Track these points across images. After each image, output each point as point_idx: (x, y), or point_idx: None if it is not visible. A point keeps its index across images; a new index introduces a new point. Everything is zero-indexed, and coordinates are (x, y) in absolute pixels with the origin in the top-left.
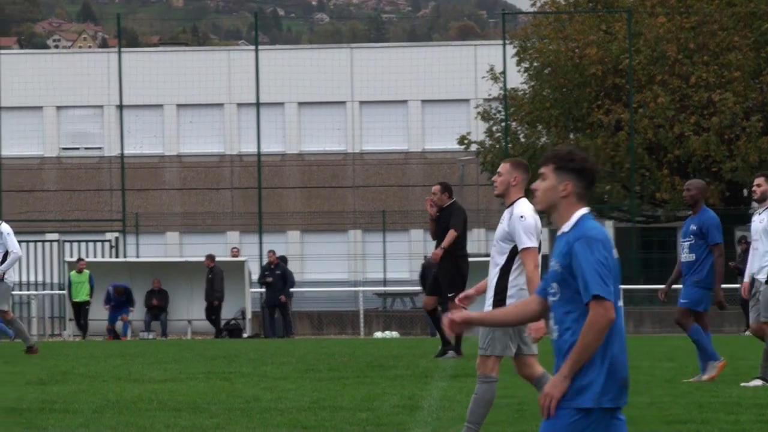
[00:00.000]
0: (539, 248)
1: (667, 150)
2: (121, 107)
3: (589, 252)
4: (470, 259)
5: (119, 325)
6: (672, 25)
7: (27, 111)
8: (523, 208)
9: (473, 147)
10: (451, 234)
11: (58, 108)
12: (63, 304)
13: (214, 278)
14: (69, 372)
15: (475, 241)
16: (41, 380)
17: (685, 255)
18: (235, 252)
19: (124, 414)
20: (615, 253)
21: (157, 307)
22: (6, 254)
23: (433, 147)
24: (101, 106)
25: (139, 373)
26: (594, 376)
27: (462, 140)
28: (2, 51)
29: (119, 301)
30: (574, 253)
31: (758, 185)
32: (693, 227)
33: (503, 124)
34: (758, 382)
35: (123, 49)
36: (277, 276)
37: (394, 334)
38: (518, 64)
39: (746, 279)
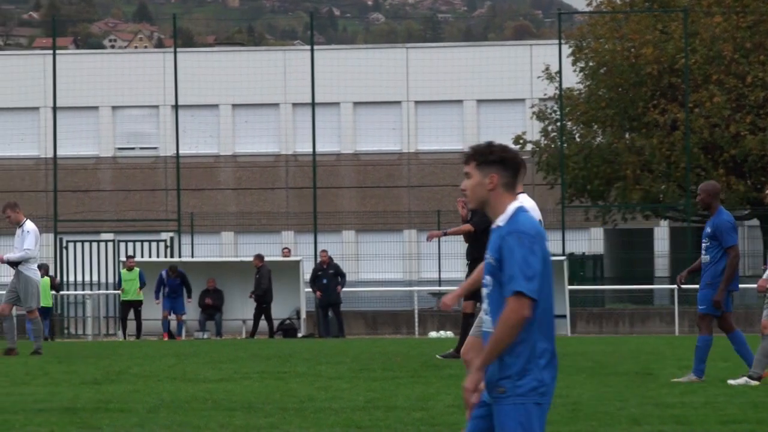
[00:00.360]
0: None
1: (722, 149)
2: (176, 107)
3: (518, 247)
4: None
5: (173, 324)
6: (728, 24)
7: (83, 111)
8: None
9: (528, 147)
10: (465, 227)
11: (114, 108)
12: (117, 303)
13: (261, 278)
14: (124, 372)
15: None
16: (96, 380)
17: (702, 257)
18: (287, 252)
19: (178, 414)
20: (547, 246)
21: (212, 306)
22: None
23: None
24: (157, 106)
25: (193, 372)
26: (545, 372)
27: (517, 140)
28: (58, 51)
29: (173, 286)
30: (504, 248)
31: None
32: (708, 230)
33: (558, 123)
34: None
35: (179, 49)
36: (330, 275)
37: (449, 333)
38: (574, 63)
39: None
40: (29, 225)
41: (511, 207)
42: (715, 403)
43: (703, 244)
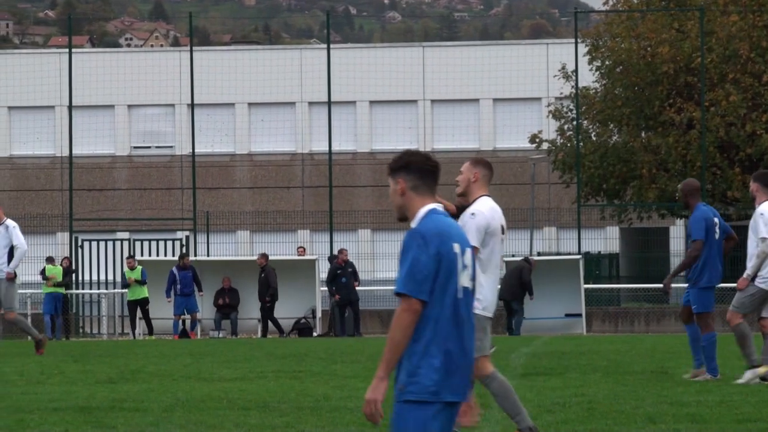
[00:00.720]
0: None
1: (738, 148)
2: (192, 106)
3: (409, 247)
4: (542, 258)
5: (187, 323)
6: (744, 23)
7: (98, 110)
8: (478, 205)
9: (544, 146)
10: None
11: (130, 107)
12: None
13: (267, 277)
14: (139, 371)
15: (546, 239)
16: (111, 379)
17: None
18: (301, 251)
19: (193, 413)
20: (456, 248)
21: (228, 305)
22: (12, 250)
23: (505, 146)
24: (173, 105)
25: (208, 371)
26: (430, 372)
27: (533, 139)
28: (74, 50)
29: (186, 280)
30: (403, 248)
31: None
32: (688, 226)
33: (575, 122)
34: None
35: (195, 48)
36: (349, 274)
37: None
38: (590, 62)
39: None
40: (10, 221)
41: (423, 210)
42: (730, 402)
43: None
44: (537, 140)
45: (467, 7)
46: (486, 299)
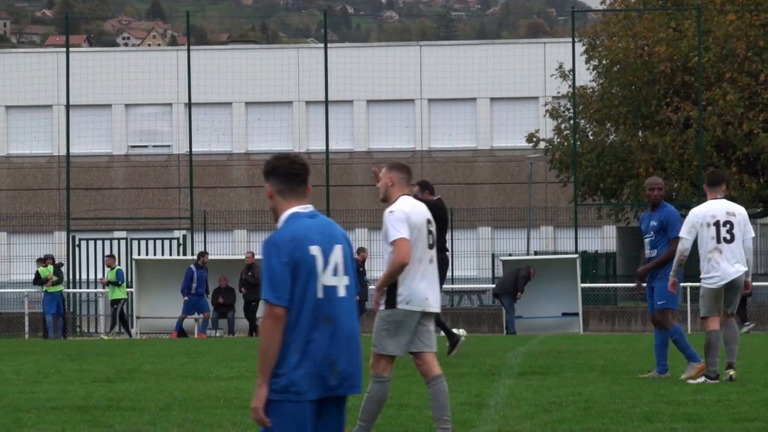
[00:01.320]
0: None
1: (735, 147)
2: (189, 105)
3: (265, 256)
4: (538, 257)
5: (189, 322)
6: (741, 22)
7: (96, 109)
8: (396, 204)
9: (541, 145)
10: None
11: (127, 106)
12: (131, 302)
13: (255, 275)
14: (136, 370)
15: (543, 238)
16: (108, 378)
17: (648, 252)
18: None
19: (190, 412)
20: (313, 250)
21: (225, 305)
22: None
23: (502, 145)
24: (170, 104)
25: (205, 370)
26: (291, 373)
27: (530, 138)
28: (72, 49)
29: (202, 279)
30: (262, 256)
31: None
32: (654, 223)
33: (572, 121)
34: (701, 379)
35: (192, 47)
36: (361, 273)
37: (462, 331)
38: (587, 61)
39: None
40: None
41: (285, 214)
42: (727, 401)
43: (649, 239)
44: (534, 139)
45: (464, 7)
46: (411, 293)
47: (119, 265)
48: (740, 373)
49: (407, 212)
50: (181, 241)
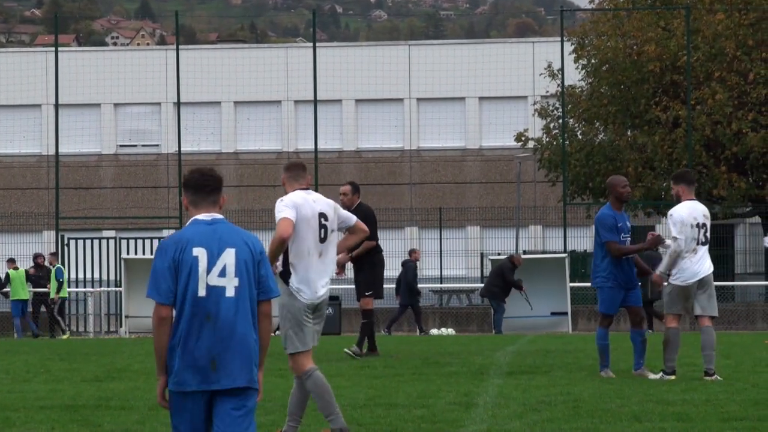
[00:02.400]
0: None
1: (724, 147)
2: (178, 104)
3: (154, 257)
4: (528, 256)
5: None
6: (730, 21)
7: (85, 108)
8: (288, 195)
9: (530, 144)
10: (370, 244)
11: (116, 105)
12: (119, 301)
13: None
14: (125, 369)
15: (532, 238)
16: (97, 377)
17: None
18: None
19: None
20: (197, 251)
21: None
22: None
23: (491, 144)
24: (159, 104)
25: None
26: (176, 365)
27: (519, 137)
28: (61, 48)
29: None
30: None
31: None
32: (629, 223)
33: (560, 121)
34: (658, 375)
35: (181, 47)
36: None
37: (450, 331)
38: (576, 61)
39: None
40: None
41: (189, 220)
42: (716, 401)
43: (628, 239)
44: (523, 139)
45: (453, 6)
46: (302, 284)
47: (108, 263)
48: (729, 372)
49: (296, 202)
50: None
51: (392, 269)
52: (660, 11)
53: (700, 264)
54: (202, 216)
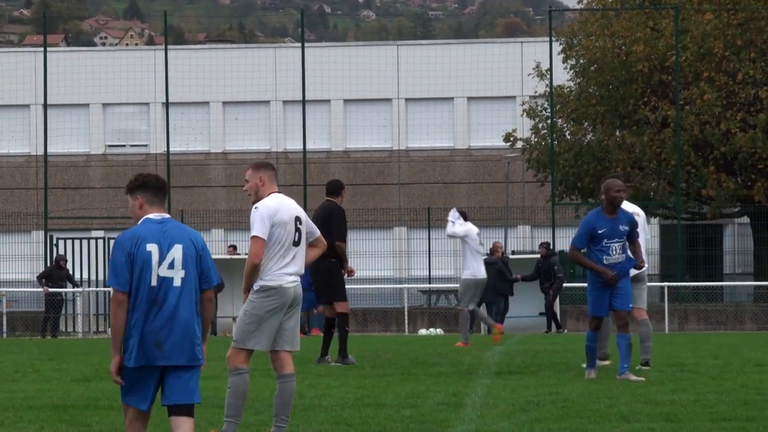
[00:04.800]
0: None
1: (713, 147)
2: (167, 104)
3: (113, 250)
4: (516, 256)
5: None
6: (719, 21)
7: (73, 108)
8: (264, 200)
9: (519, 144)
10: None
11: (105, 105)
12: (108, 301)
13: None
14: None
15: (520, 238)
16: (86, 377)
17: (617, 256)
18: (231, 250)
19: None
20: (150, 247)
21: None
22: None
23: (479, 144)
24: (147, 104)
25: None
26: (131, 344)
27: (507, 137)
28: (49, 48)
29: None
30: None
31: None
32: (624, 227)
33: (549, 121)
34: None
35: (169, 47)
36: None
37: (439, 331)
38: (564, 61)
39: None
40: None
41: (142, 219)
42: (704, 401)
43: (620, 244)
44: (511, 139)
45: (441, 6)
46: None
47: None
48: (718, 372)
49: (272, 209)
50: None
51: (382, 269)
52: (648, 11)
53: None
54: (153, 215)
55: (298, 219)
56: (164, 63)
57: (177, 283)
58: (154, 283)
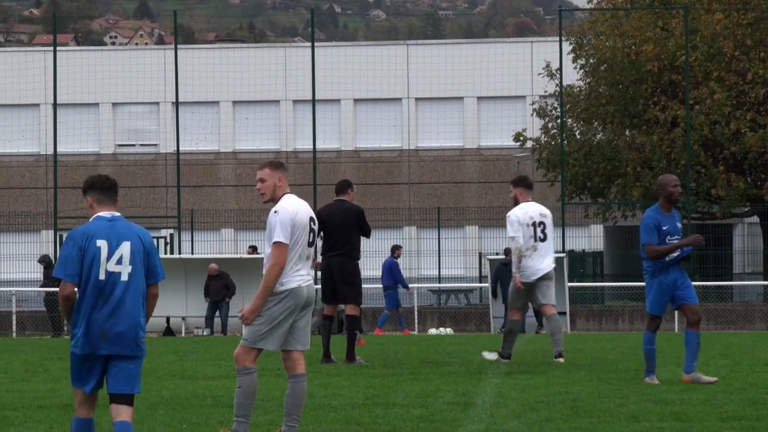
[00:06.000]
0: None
1: (723, 146)
2: (177, 104)
3: (64, 245)
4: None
5: (177, 322)
6: (729, 21)
7: (83, 108)
8: (282, 203)
9: (529, 144)
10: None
11: (114, 105)
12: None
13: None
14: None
15: None
16: None
17: (676, 253)
18: (250, 251)
19: (177, 411)
20: (100, 243)
21: (219, 292)
22: None
23: (489, 144)
24: (157, 103)
25: (193, 369)
26: (78, 333)
27: (517, 137)
28: (59, 48)
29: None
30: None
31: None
32: (679, 224)
33: (559, 120)
34: (494, 356)
35: (179, 46)
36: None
37: (449, 330)
38: (574, 60)
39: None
40: None
41: (93, 216)
42: (714, 400)
43: (675, 239)
44: (521, 138)
45: (451, 5)
46: (291, 289)
47: None
48: (727, 372)
49: (291, 212)
50: (168, 240)
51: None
52: (658, 11)
53: (541, 260)
54: (104, 213)
55: (312, 220)
56: (174, 62)
57: (124, 277)
58: (102, 276)
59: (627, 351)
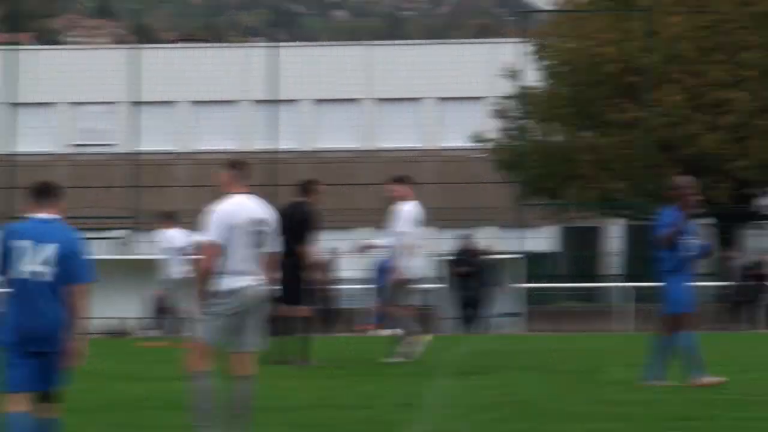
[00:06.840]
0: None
1: (680, 148)
2: (136, 104)
3: None
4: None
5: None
6: (688, 23)
7: (41, 107)
8: (222, 204)
9: (487, 145)
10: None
11: (72, 104)
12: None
13: None
14: (85, 371)
15: (488, 238)
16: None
17: (693, 251)
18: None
19: (129, 413)
20: (25, 243)
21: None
22: None
23: (448, 144)
24: (115, 103)
25: (145, 371)
26: (6, 330)
27: (476, 138)
28: (19, 46)
29: None
30: None
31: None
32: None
33: (518, 122)
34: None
35: (140, 46)
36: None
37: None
38: (536, 62)
39: None
40: None
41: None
42: (661, 401)
43: (693, 240)
44: (480, 139)
45: (414, 6)
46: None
47: None
48: (675, 373)
49: (227, 212)
50: (124, 241)
51: (349, 270)
52: (620, 14)
53: None
54: (40, 215)
55: (259, 221)
56: (134, 62)
57: (48, 278)
58: (26, 276)
59: (577, 352)
